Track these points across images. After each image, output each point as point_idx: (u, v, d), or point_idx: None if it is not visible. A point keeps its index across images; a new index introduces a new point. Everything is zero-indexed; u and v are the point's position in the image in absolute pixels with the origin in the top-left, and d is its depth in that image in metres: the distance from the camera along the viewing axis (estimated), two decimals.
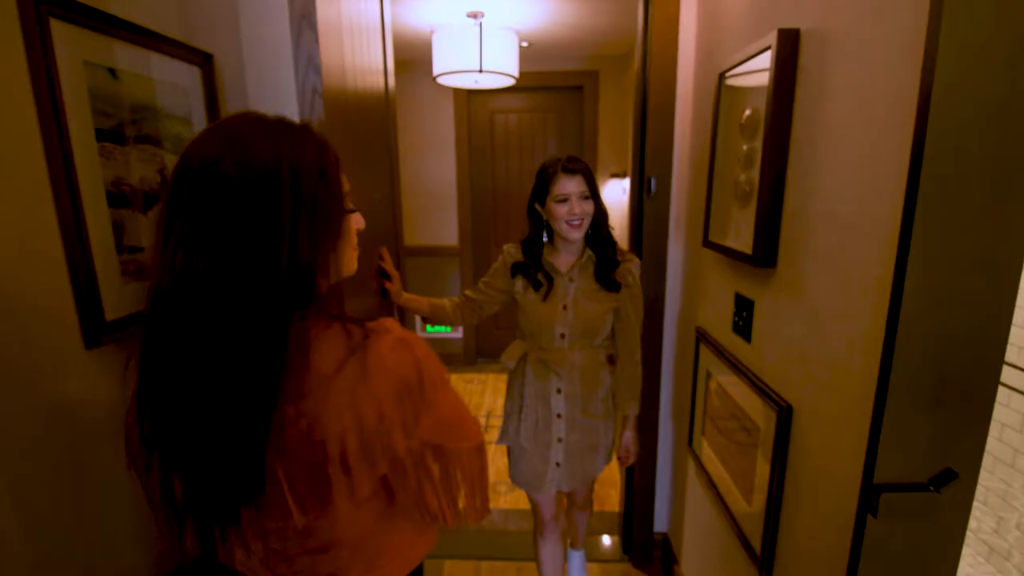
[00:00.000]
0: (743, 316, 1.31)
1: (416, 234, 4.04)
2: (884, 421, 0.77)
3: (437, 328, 4.21)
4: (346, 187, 0.72)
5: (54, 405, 0.91)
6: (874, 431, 0.78)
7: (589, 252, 1.47)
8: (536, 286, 1.47)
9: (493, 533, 2.29)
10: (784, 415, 1.07)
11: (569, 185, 1.38)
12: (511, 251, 1.55)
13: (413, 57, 3.49)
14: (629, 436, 1.62)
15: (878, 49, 0.81)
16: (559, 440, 1.54)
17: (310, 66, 0.92)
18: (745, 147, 1.23)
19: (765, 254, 1.14)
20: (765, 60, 1.10)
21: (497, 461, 2.87)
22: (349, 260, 0.76)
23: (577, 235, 1.41)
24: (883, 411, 0.77)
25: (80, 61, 1.08)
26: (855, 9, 0.87)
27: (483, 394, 3.74)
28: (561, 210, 1.39)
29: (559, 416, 1.52)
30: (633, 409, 1.59)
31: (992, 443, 2.03)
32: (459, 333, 4.24)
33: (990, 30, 0.65)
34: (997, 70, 0.66)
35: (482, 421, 3.35)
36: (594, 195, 1.42)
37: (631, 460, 1.64)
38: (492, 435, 3.18)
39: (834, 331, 0.93)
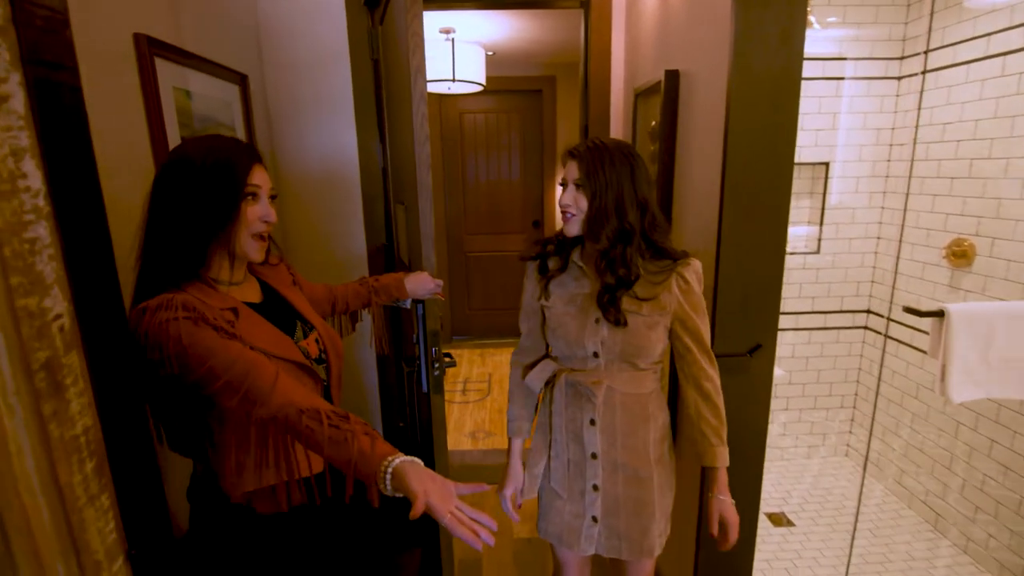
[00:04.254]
0: None
1: None
2: (716, 319, 1.27)
3: None
4: (258, 182, 0.98)
5: None
6: (713, 325, 1.28)
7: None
8: (561, 269, 1.22)
9: (474, 467, 2.77)
10: None
11: (567, 170, 1.15)
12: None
13: None
14: (724, 502, 1.14)
15: (711, 82, 1.31)
16: (595, 488, 1.22)
17: (421, 101, 1.34)
18: (652, 148, 1.72)
19: None
20: (660, 88, 1.59)
21: (476, 415, 3.35)
22: (243, 242, 0.99)
23: (568, 229, 1.17)
24: (715, 313, 1.27)
25: (170, 86, 1.49)
26: (702, 59, 1.37)
27: (460, 365, 4.21)
28: (559, 197, 1.17)
29: (594, 456, 1.21)
30: (720, 459, 1.15)
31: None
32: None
33: (759, 74, 1.15)
34: (764, 94, 1.16)
35: (459, 386, 3.81)
36: (597, 189, 1.10)
37: (731, 540, 1.15)
38: (470, 396, 3.65)
39: None
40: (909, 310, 1.48)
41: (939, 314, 1.44)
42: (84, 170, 0.55)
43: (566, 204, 1.14)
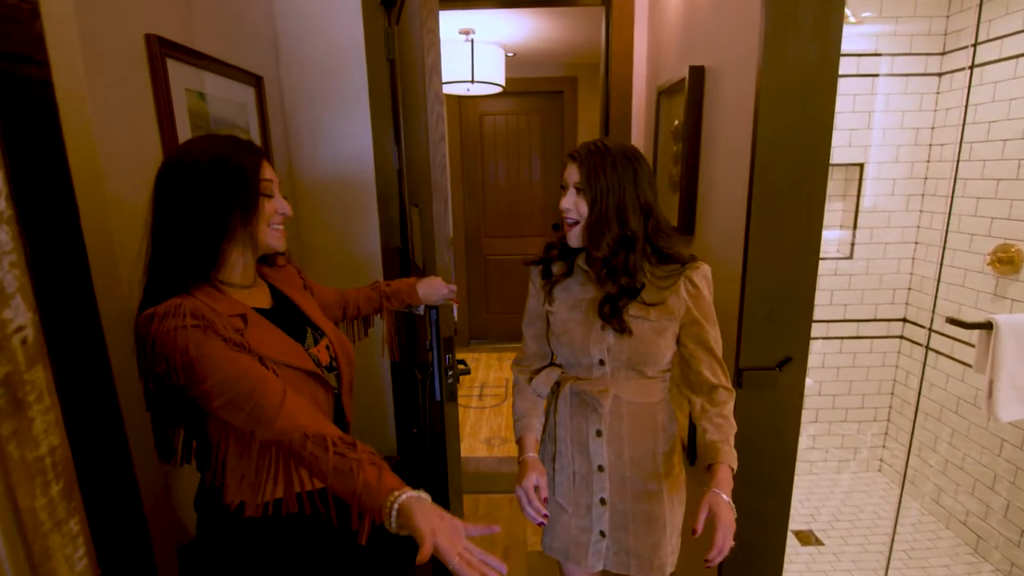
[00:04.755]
0: None
1: None
2: (742, 330, 1.19)
3: None
4: (270, 177, 0.96)
5: None
6: (739, 336, 1.21)
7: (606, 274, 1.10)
8: (566, 275, 1.18)
9: (489, 475, 2.71)
10: None
11: (567, 173, 1.10)
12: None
13: None
14: (719, 496, 0.98)
15: (739, 77, 1.23)
16: (602, 502, 1.18)
17: (436, 100, 1.31)
18: (675, 148, 1.65)
19: (687, 226, 1.56)
20: (683, 85, 1.52)
21: (492, 420, 3.29)
22: (264, 235, 0.97)
23: (570, 240, 1.13)
24: (741, 324, 1.19)
25: (183, 88, 1.47)
26: (729, 53, 1.29)
27: (477, 370, 4.16)
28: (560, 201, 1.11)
29: (600, 469, 1.16)
30: (723, 455, 1.04)
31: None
32: (453, 316, 4.64)
33: (792, 67, 1.07)
34: (796, 88, 1.08)
35: (476, 391, 3.76)
36: (597, 193, 1.05)
37: (719, 546, 0.95)
38: (487, 401, 3.60)
39: (724, 277, 1.35)
40: (953, 321, 1.38)
41: (987, 326, 1.34)
42: (54, 171, 0.51)
43: (566, 208, 1.10)
